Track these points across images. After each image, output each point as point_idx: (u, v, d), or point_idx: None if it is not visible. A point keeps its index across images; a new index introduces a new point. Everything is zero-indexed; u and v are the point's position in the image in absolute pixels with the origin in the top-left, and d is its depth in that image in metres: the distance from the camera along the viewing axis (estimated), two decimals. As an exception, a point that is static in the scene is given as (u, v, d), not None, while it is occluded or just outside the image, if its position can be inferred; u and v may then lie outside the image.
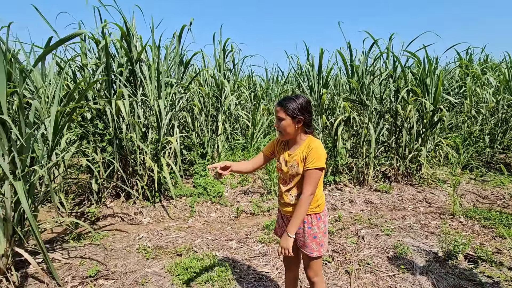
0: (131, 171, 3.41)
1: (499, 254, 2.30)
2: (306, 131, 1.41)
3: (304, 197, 1.32)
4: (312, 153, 1.33)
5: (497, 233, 2.63)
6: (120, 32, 3.13)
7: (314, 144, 1.36)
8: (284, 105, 1.35)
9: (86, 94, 3.08)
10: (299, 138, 1.41)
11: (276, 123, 1.40)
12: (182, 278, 2.01)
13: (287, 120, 1.35)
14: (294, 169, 1.38)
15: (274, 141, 1.54)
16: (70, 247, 2.50)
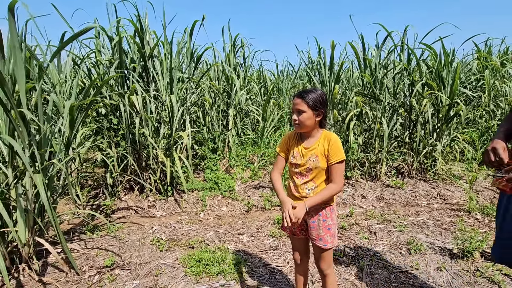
0: (144, 165, 3.48)
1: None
2: (322, 124, 1.42)
3: (335, 186, 1.36)
4: (334, 147, 1.36)
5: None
6: (134, 28, 3.17)
7: (333, 137, 1.38)
8: (305, 97, 1.35)
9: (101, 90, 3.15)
10: (315, 131, 1.42)
11: (295, 116, 1.39)
12: (195, 270, 2.05)
13: (308, 112, 1.35)
14: (312, 162, 1.38)
15: (285, 138, 1.52)
16: (87, 238, 2.59)
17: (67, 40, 2.15)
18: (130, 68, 3.27)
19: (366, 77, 3.85)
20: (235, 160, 4.32)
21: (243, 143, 4.86)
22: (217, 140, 4.43)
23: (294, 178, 1.47)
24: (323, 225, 1.42)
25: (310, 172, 1.40)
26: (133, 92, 3.03)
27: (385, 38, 3.94)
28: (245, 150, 4.60)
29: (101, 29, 3.19)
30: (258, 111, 5.17)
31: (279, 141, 4.78)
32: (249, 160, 4.45)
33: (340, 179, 1.36)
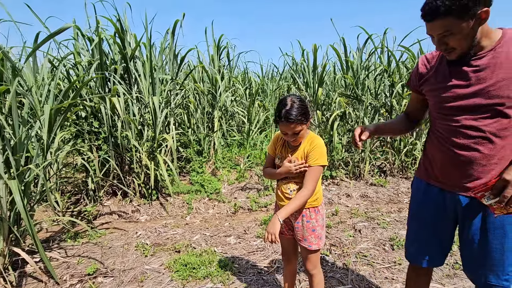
0: (127, 169, 3.40)
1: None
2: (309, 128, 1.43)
3: (304, 193, 1.32)
4: (315, 150, 1.34)
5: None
6: (114, 29, 3.10)
7: (317, 141, 1.36)
8: (296, 119, 1.26)
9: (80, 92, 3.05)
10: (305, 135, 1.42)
11: (291, 139, 1.34)
12: (181, 274, 2.01)
13: (303, 129, 1.32)
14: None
15: (274, 139, 1.53)
16: (67, 246, 2.49)
17: (42, 41, 2.07)
18: (111, 70, 3.19)
19: (349, 78, 3.94)
20: (221, 162, 4.30)
21: (229, 145, 4.85)
22: (202, 142, 4.39)
23: (278, 180, 1.49)
24: (307, 226, 1.42)
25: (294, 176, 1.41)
26: (115, 94, 2.95)
27: (366, 41, 4.05)
28: (231, 152, 4.59)
29: (78, 30, 3.09)
30: (244, 112, 5.17)
31: (265, 142, 4.80)
32: (235, 162, 4.44)
33: (312, 184, 1.32)
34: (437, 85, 1.11)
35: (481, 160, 1.04)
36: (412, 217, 1.33)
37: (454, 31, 0.95)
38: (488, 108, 1.01)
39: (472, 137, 1.04)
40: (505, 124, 1.00)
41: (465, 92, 1.04)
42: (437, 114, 1.15)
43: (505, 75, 0.97)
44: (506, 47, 0.98)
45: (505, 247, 1.06)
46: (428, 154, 1.23)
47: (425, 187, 1.25)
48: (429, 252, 1.26)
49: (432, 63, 1.17)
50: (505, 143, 1.02)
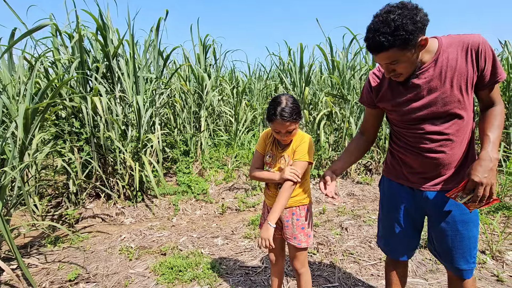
0: (111, 170, 3.30)
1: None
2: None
3: (286, 185, 1.32)
4: (304, 146, 1.36)
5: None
6: (96, 26, 3.00)
7: (307, 138, 1.39)
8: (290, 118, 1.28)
9: (60, 92, 2.94)
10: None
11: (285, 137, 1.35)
12: (167, 278, 1.97)
13: (296, 127, 1.34)
14: (285, 163, 1.40)
15: (263, 136, 1.51)
16: (47, 251, 2.40)
17: (19, 38, 1.97)
18: (92, 68, 3.08)
19: (335, 78, 3.98)
20: (208, 162, 4.25)
21: (216, 144, 4.80)
22: (189, 142, 4.33)
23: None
24: (296, 224, 1.43)
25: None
26: (97, 94, 2.86)
27: (351, 41, 4.11)
28: (218, 152, 4.54)
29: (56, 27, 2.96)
30: (231, 112, 5.14)
31: (253, 142, 4.78)
32: (223, 162, 4.40)
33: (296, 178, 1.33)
34: (394, 100, 1.17)
35: (446, 159, 1.14)
36: (384, 216, 1.40)
37: (399, 60, 1.02)
38: (445, 113, 1.09)
39: (437, 141, 1.13)
40: (461, 124, 1.10)
41: (422, 104, 1.11)
42: (401, 124, 1.21)
43: (451, 80, 1.06)
44: (446, 54, 1.06)
45: (470, 235, 1.18)
46: (395, 156, 1.30)
47: (394, 186, 1.32)
48: (402, 246, 1.35)
49: (383, 78, 1.22)
50: (462, 139, 1.12)
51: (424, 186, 1.20)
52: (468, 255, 1.19)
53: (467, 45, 1.04)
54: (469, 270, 1.20)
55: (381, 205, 1.42)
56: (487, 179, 1.01)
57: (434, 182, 1.18)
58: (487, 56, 1.03)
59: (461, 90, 1.06)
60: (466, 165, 1.15)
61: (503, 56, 5.22)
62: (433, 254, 1.32)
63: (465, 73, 1.05)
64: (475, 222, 1.18)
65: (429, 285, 1.89)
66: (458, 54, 1.05)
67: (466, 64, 1.04)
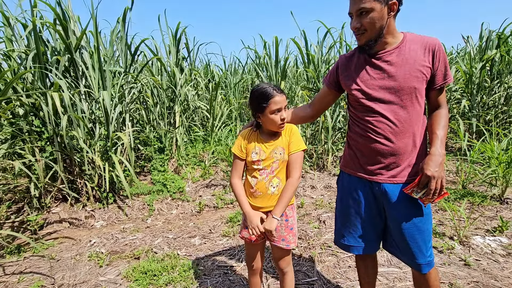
0: (78, 171, 3.09)
1: (442, 226, 2.54)
2: None
3: (293, 180, 1.32)
4: (295, 136, 1.35)
5: (439, 207, 2.91)
6: (53, 14, 2.75)
7: (294, 128, 1.38)
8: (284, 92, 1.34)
9: (14, 87, 2.68)
10: None
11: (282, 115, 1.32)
12: (141, 283, 1.87)
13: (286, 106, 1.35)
14: (279, 155, 1.34)
15: (240, 139, 1.41)
16: (5, 262, 2.19)
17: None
18: (52, 61, 2.84)
19: (310, 72, 3.98)
20: (184, 159, 4.12)
21: (192, 141, 4.67)
22: (164, 139, 4.17)
23: (256, 175, 1.36)
24: (285, 225, 1.38)
25: (276, 167, 1.35)
26: (57, 89, 2.64)
27: (325, 35, 4.12)
28: (195, 148, 4.42)
29: (3, 16, 2.68)
30: (206, 107, 5.01)
31: (230, 137, 4.70)
32: (200, 158, 4.29)
33: (298, 170, 1.34)
34: (358, 78, 1.24)
35: (393, 148, 1.18)
36: (343, 212, 1.39)
37: (369, 10, 1.11)
38: (401, 98, 1.16)
39: (387, 126, 1.18)
40: (411, 114, 1.17)
41: (381, 84, 1.18)
42: (358, 107, 1.26)
43: (410, 69, 1.15)
44: (408, 46, 1.17)
45: (424, 228, 1.22)
46: (352, 146, 1.33)
47: (353, 180, 1.33)
48: (365, 241, 1.35)
49: (351, 61, 1.30)
50: (411, 131, 1.18)
51: (382, 178, 1.23)
52: (424, 248, 1.22)
53: (426, 44, 1.17)
54: (426, 264, 1.23)
55: (339, 201, 1.42)
56: (438, 173, 1.11)
57: (391, 174, 1.21)
58: (441, 57, 1.16)
59: (417, 80, 1.15)
60: (418, 158, 1.21)
61: (466, 50, 5.51)
62: (390, 251, 1.35)
63: (422, 66, 1.15)
64: (428, 215, 1.23)
65: (403, 273, 1.95)
66: (418, 49, 1.16)
67: (424, 59, 1.15)
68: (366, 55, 1.23)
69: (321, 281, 1.91)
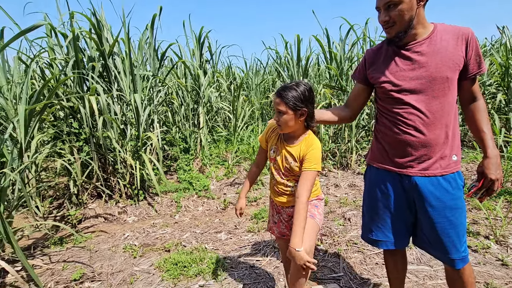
0: (111, 170, 3.29)
1: (476, 225, 2.43)
2: (308, 124, 1.29)
3: (299, 203, 1.20)
4: (313, 154, 1.25)
5: (472, 205, 2.77)
6: (89, 24, 2.97)
7: (316, 144, 1.27)
8: (284, 97, 1.20)
9: (56, 92, 2.91)
10: (300, 132, 1.30)
11: (275, 117, 1.25)
12: (172, 274, 1.97)
13: (288, 113, 1.21)
14: (288, 163, 1.30)
15: (267, 129, 1.45)
16: (51, 252, 2.39)
17: (12, 38, 1.94)
18: (88, 67, 3.05)
19: (333, 69, 3.95)
20: (208, 158, 4.24)
21: (215, 141, 4.79)
22: (188, 139, 4.32)
23: (274, 173, 1.37)
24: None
25: (287, 173, 1.33)
26: (94, 93, 2.84)
27: (348, 31, 4.07)
28: (218, 148, 4.53)
29: (51, 27, 2.93)
30: (229, 108, 5.12)
31: (252, 137, 4.77)
32: (223, 158, 4.40)
33: (306, 191, 1.21)
34: (388, 71, 1.22)
35: (425, 140, 1.16)
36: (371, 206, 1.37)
37: (397, 1, 1.09)
38: (434, 88, 1.14)
39: (419, 118, 1.16)
40: (443, 105, 1.15)
41: (412, 76, 1.16)
42: (387, 99, 1.24)
43: (443, 58, 1.13)
44: (440, 36, 1.16)
45: (458, 222, 1.19)
46: (380, 140, 1.30)
47: (381, 173, 1.30)
48: (394, 235, 1.32)
49: (379, 54, 1.29)
50: (443, 122, 1.16)
51: (412, 171, 1.21)
52: (458, 243, 1.19)
53: (459, 33, 1.15)
54: (461, 260, 1.19)
55: (367, 196, 1.40)
56: (499, 174, 1.16)
57: (422, 167, 1.19)
58: (474, 46, 1.14)
59: (450, 70, 1.13)
60: (450, 150, 1.19)
61: (502, 42, 5.19)
62: (421, 247, 1.32)
63: (455, 56, 1.14)
64: (462, 209, 1.20)
65: (434, 272, 1.90)
66: (450, 38, 1.15)
67: (456, 48, 1.14)
68: (395, 46, 1.21)
69: (347, 276, 1.91)
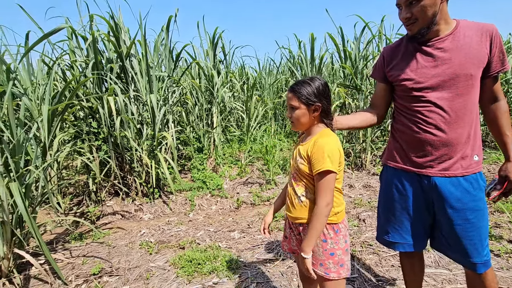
0: (128, 168, 3.38)
1: (498, 228, 2.34)
2: (323, 121, 1.17)
3: (317, 209, 1.07)
4: (316, 152, 1.08)
5: (495, 208, 2.67)
6: (108, 27, 3.06)
7: (322, 139, 1.10)
8: (297, 91, 1.12)
9: (77, 93, 3.02)
10: (314, 128, 1.17)
11: (288, 113, 1.18)
12: (187, 270, 2.01)
13: (301, 108, 1.12)
14: (296, 162, 1.17)
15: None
16: (71, 247, 2.49)
17: (36, 41, 2.04)
18: (107, 69, 3.15)
19: (347, 68, 3.90)
20: (221, 158, 4.28)
21: (228, 140, 4.83)
22: (202, 139, 4.37)
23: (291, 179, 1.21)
24: (323, 247, 1.13)
25: (298, 176, 1.17)
26: (112, 94, 2.92)
27: (363, 29, 4.01)
28: (231, 148, 4.57)
29: (72, 30, 3.04)
30: (242, 108, 5.14)
31: (265, 137, 4.78)
32: (236, 157, 4.43)
33: (323, 196, 1.06)
34: (408, 68, 1.19)
35: (453, 139, 1.13)
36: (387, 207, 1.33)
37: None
38: (457, 85, 1.11)
39: (440, 116, 1.13)
40: (466, 103, 1.12)
41: (434, 73, 1.13)
42: (406, 97, 1.21)
43: (466, 55, 1.11)
44: (463, 32, 1.13)
45: (480, 224, 1.15)
46: (398, 139, 1.27)
47: (399, 174, 1.27)
48: (411, 237, 1.28)
49: (397, 51, 1.25)
50: (465, 121, 1.13)
51: (432, 171, 1.17)
52: (479, 246, 1.15)
53: (482, 29, 1.12)
54: (483, 264, 1.15)
55: (383, 196, 1.36)
56: None
57: (442, 167, 1.16)
58: (498, 43, 1.12)
59: (473, 67, 1.11)
60: (471, 150, 1.15)
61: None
62: (439, 250, 1.27)
63: (479, 52, 1.11)
64: (484, 211, 1.16)
65: (453, 276, 1.84)
66: (473, 35, 1.12)
67: (481, 45, 1.11)
68: (416, 43, 1.17)
69: (362, 278, 1.88)
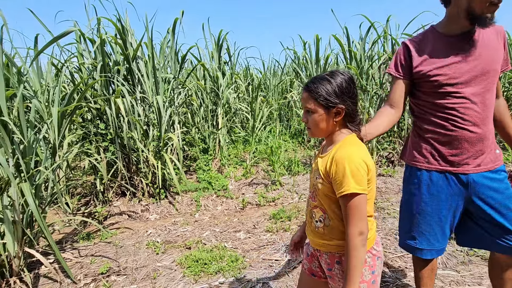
0: (135, 169, 3.42)
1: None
2: (348, 125, 0.92)
3: (350, 241, 0.84)
4: (336, 169, 0.85)
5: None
6: (115, 29, 3.11)
7: (342, 152, 0.86)
8: (313, 90, 0.88)
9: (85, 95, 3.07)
10: (337, 136, 0.92)
11: (303, 117, 0.94)
12: (193, 270, 2.02)
13: (319, 112, 0.89)
14: (315, 179, 0.95)
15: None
16: (80, 246, 2.53)
17: (46, 45, 2.08)
18: (114, 71, 3.20)
19: (353, 69, 3.89)
20: (227, 159, 4.30)
21: (234, 141, 4.85)
22: (207, 140, 4.40)
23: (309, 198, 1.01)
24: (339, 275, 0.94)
25: (317, 196, 0.95)
26: (119, 95, 2.97)
27: (368, 29, 4.00)
28: (236, 149, 4.58)
29: (80, 33, 3.10)
30: (247, 108, 5.16)
31: (270, 137, 4.79)
32: (241, 158, 4.44)
33: (353, 223, 0.83)
34: (439, 63, 1.16)
35: (487, 134, 1.15)
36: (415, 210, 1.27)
37: None
38: (488, 81, 1.13)
39: (478, 113, 1.13)
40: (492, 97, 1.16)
41: (467, 68, 1.13)
42: (434, 94, 1.18)
43: (493, 51, 1.14)
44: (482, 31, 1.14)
45: None
46: (428, 139, 1.22)
47: (429, 175, 1.23)
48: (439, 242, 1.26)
49: (422, 44, 1.21)
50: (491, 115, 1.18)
51: (468, 169, 1.17)
52: None
53: (496, 29, 1.17)
54: None
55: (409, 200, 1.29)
56: None
57: (476, 163, 1.17)
58: (506, 43, 1.19)
59: (498, 63, 1.15)
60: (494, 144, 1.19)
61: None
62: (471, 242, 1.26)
63: (498, 50, 1.17)
64: None
65: (461, 277, 1.82)
66: (491, 33, 1.16)
67: (498, 44, 1.17)
68: (449, 36, 1.15)
69: (369, 279, 1.87)
